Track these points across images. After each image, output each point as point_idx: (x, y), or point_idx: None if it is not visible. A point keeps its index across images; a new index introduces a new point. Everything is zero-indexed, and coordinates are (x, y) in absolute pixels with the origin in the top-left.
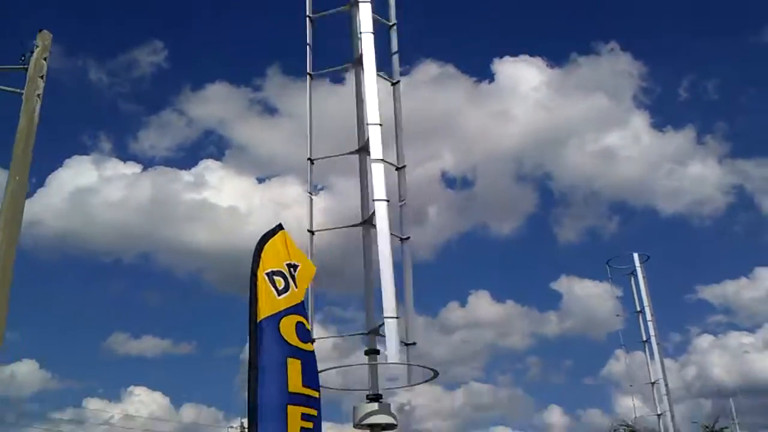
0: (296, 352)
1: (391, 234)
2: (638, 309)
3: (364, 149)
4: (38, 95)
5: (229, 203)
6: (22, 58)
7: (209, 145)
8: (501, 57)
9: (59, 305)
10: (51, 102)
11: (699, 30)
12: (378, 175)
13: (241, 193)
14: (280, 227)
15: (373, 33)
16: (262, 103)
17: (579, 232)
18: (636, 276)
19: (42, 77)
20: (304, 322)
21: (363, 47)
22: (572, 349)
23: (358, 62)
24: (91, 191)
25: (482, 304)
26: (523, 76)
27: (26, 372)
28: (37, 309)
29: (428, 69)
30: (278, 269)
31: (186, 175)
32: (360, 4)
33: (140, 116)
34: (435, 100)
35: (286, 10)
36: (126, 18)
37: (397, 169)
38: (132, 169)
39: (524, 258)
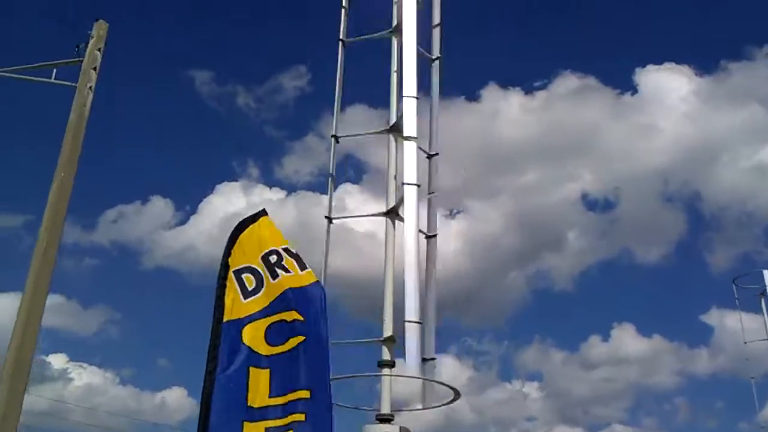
0: (262, 361)
1: (419, 231)
2: None
3: (395, 128)
4: (90, 87)
5: (366, 228)
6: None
7: (349, 169)
8: (644, 66)
9: (208, 331)
10: (203, 129)
11: None
12: (410, 155)
13: (379, 218)
14: (263, 212)
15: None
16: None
17: (732, 259)
18: (767, 296)
19: (95, 69)
20: (284, 317)
21: (404, 18)
22: (725, 390)
23: (396, 30)
24: (240, 217)
25: (627, 339)
26: (669, 85)
27: (176, 398)
28: (187, 335)
29: (567, 82)
30: (250, 264)
31: (326, 200)
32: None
33: (284, 141)
34: (574, 114)
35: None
36: (271, 44)
37: (429, 156)
38: (277, 194)
39: (673, 287)
